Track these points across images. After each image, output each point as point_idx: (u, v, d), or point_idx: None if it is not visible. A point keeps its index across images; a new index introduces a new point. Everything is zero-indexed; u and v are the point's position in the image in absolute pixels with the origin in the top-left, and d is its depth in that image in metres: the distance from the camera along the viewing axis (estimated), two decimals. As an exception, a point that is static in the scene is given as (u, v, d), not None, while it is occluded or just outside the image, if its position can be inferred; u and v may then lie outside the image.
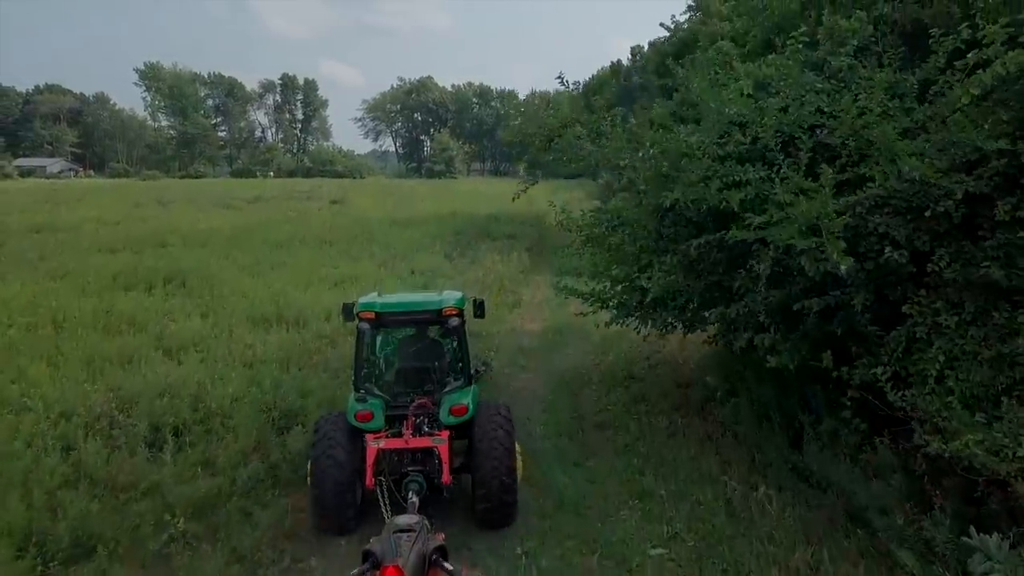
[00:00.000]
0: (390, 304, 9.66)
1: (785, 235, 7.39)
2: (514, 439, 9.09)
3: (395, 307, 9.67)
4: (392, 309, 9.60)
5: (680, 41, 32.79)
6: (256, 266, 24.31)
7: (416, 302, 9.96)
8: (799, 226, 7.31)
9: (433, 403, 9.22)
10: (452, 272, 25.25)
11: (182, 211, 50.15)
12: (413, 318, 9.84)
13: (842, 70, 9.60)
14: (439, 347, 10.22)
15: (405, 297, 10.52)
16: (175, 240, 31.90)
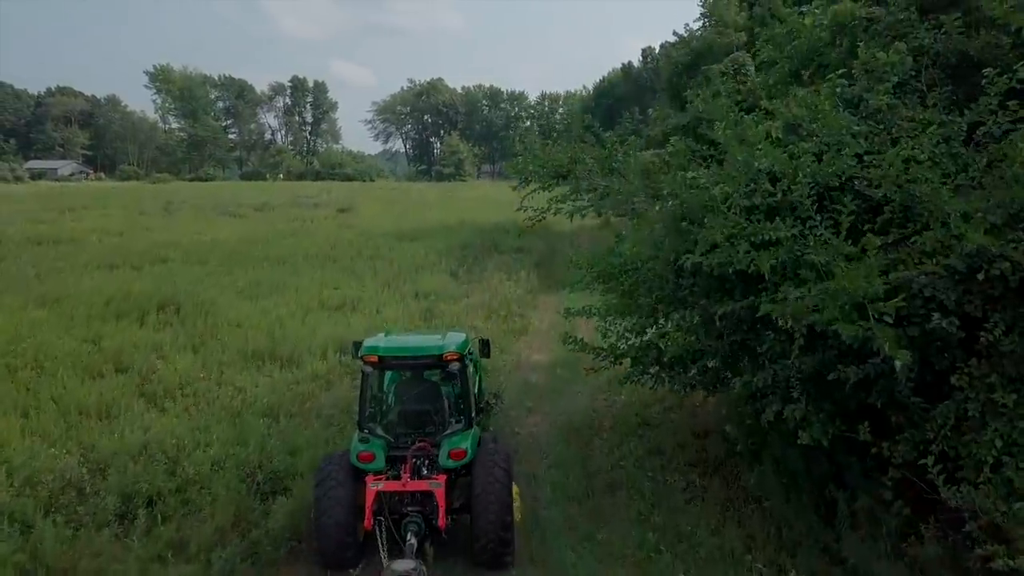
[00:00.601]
0: (392, 348, 9.75)
1: (826, 316, 6.47)
2: (512, 478, 9.22)
3: (397, 351, 9.79)
4: (394, 353, 9.72)
5: (694, 52, 31.95)
6: (255, 288, 23.54)
7: (417, 347, 10.05)
8: (842, 304, 6.39)
9: (433, 445, 9.36)
10: (457, 293, 24.41)
11: (187, 220, 49.56)
12: (414, 362, 9.94)
13: (881, 110, 8.67)
14: (441, 390, 10.25)
15: (408, 340, 10.56)
16: (175, 255, 31.24)
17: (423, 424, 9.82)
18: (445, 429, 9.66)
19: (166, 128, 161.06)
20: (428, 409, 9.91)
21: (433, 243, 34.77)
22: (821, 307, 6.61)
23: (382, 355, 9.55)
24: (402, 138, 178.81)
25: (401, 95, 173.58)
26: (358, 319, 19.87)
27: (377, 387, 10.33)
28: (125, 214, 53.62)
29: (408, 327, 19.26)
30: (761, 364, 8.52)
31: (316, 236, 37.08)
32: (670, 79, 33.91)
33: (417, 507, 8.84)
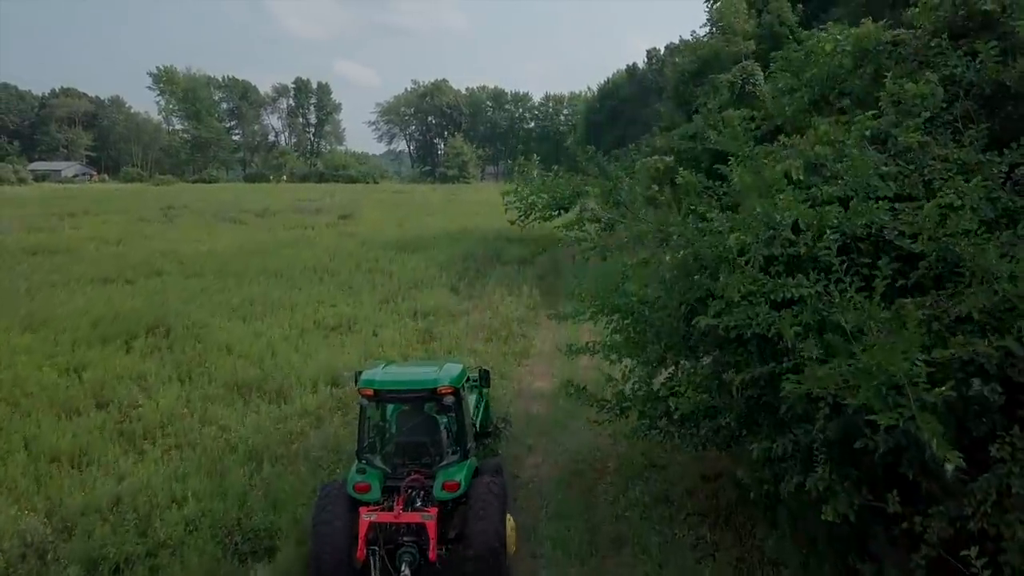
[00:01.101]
0: (388, 382, 9.86)
1: (859, 398, 5.74)
2: (506, 507, 9.43)
3: (392, 384, 9.88)
4: (389, 387, 9.82)
5: (700, 59, 31.15)
6: (249, 306, 22.88)
7: (412, 380, 10.14)
8: (877, 385, 5.66)
9: (429, 476, 9.45)
10: (458, 309, 23.70)
11: (186, 227, 48.95)
12: (410, 395, 10.01)
13: (912, 148, 7.93)
14: (438, 421, 10.22)
15: (403, 373, 10.62)
16: (171, 267, 30.64)
17: (420, 455, 9.86)
18: (442, 460, 9.72)
19: (169, 129, 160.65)
20: (424, 441, 9.93)
21: (434, 254, 34.07)
22: (852, 383, 5.88)
23: (377, 388, 9.67)
24: (406, 139, 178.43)
25: (405, 96, 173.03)
26: (354, 342, 19.20)
27: (375, 418, 10.40)
28: (125, 220, 53.11)
29: (406, 351, 18.61)
30: (780, 427, 7.79)
31: (316, 246, 36.41)
32: (676, 87, 33.13)
33: (412, 537, 8.96)
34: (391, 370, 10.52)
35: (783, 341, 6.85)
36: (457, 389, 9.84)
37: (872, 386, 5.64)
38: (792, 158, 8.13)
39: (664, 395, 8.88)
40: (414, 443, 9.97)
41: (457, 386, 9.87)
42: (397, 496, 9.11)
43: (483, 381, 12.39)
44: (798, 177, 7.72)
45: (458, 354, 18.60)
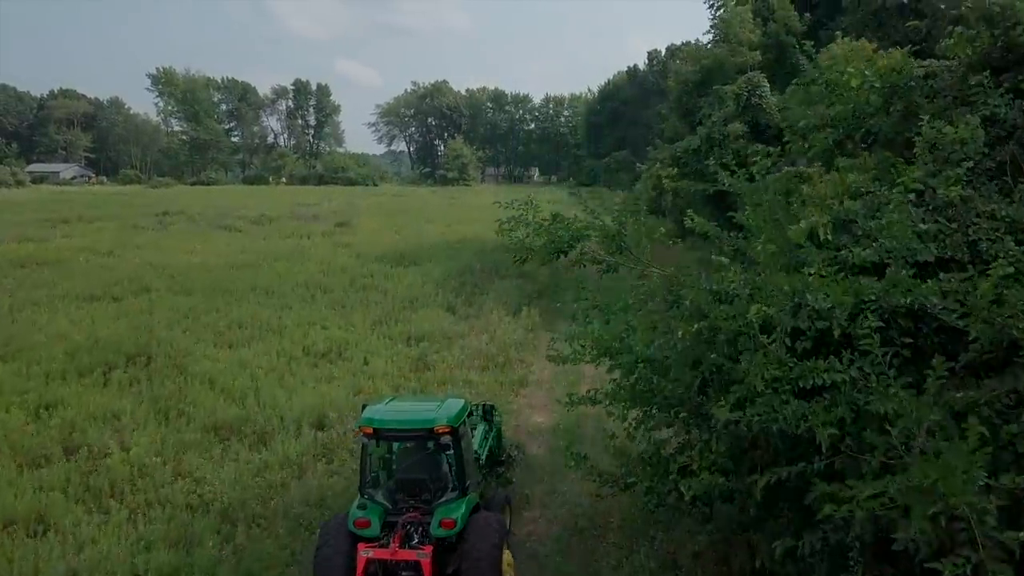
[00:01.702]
0: (387, 420, 9.89)
1: (912, 525, 4.86)
2: (503, 546, 9.51)
3: (391, 424, 9.90)
4: (388, 426, 9.87)
5: (704, 69, 30.32)
6: (237, 329, 22.02)
7: (410, 419, 10.09)
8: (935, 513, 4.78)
9: (427, 513, 9.58)
10: (454, 331, 22.81)
11: (180, 236, 48.10)
12: (408, 434, 10.08)
13: (953, 203, 7.05)
14: (437, 458, 10.29)
15: (403, 412, 10.45)
16: (160, 283, 29.77)
17: (420, 491, 9.94)
18: (442, 496, 9.87)
19: (168, 131, 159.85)
20: (424, 478, 10.00)
21: (431, 268, 33.19)
22: (901, 503, 5.01)
23: (376, 427, 9.76)
24: (405, 141, 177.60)
25: (405, 97, 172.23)
26: (343, 372, 18.31)
27: (377, 453, 10.51)
28: (118, 228, 52.27)
29: (397, 382, 17.75)
30: (807, 515, 6.90)
31: (310, 259, 35.53)
32: (679, 97, 32.28)
33: (411, 573, 9.07)
34: (393, 407, 10.51)
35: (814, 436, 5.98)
36: (455, 428, 9.86)
37: (927, 513, 4.76)
38: (817, 213, 7.24)
39: (673, 470, 7.99)
40: (414, 480, 10.03)
41: (455, 425, 9.88)
42: (395, 533, 9.26)
43: (488, 416, 12.61)
44: (826, 237, 6.83)
45: (452, 385, 17.76)
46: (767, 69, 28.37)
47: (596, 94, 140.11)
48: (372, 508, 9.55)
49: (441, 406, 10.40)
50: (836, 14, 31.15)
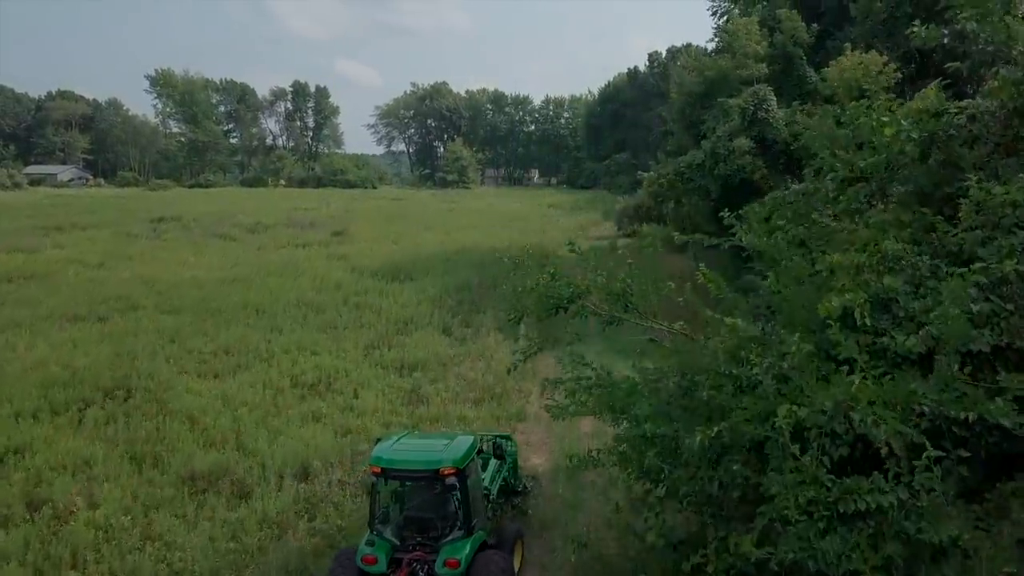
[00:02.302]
0: (394, 460, 10.04)
1: None
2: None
3: (398, 464, 10.04)
4: (396, 465, 10.02)
5: (708, 81, 29.42)
6: (224, 356, 21.16)
7: (416, 460, 10.16)
8: None
9: (433, 551, 9.77)
10: (449, 358, 21.96)
11: (173, 244, 47.30)
12: (414, 475, 10.16)
13: (1008, 279, 6.17)
14: (444, 497, 10.32)
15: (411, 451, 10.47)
16: (148, 301, 28.91)
17: (427, 529, 10.15)
18: (449, 535, 10.03)
19: (166, 132, 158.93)
20: (431, 516, 10.19)
21: (427, 284, 32.30)
22: None
23: (384, 467, 9.96)
24: (405, 142, 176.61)
25: (404, 99, 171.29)
26: (332, 406, 17.47)
27: (386, 491, 10.62)
28: (111, 236, 51.38)
29: (388, 419, 16.89)
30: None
31: (303, 273, 34.58)
32: (682, 108, 31.38)
33: None
34: (402, 445, 10.59)
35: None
36: (461, 470, 9.95)
37: None
38: (849, 282, 6.36)
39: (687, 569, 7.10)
40: (422, 518, 10.24)
41: (461, 466, 9.97)
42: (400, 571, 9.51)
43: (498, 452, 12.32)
44: (863, 319, 5.94)
45: (445, 423, 16.92)
46: (773, 81, 27.49)
47: (596, 96, 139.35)
48: (380, 544, 9.81)
49: (449, 446, 10.46)
50: (844, 23, 30.27)
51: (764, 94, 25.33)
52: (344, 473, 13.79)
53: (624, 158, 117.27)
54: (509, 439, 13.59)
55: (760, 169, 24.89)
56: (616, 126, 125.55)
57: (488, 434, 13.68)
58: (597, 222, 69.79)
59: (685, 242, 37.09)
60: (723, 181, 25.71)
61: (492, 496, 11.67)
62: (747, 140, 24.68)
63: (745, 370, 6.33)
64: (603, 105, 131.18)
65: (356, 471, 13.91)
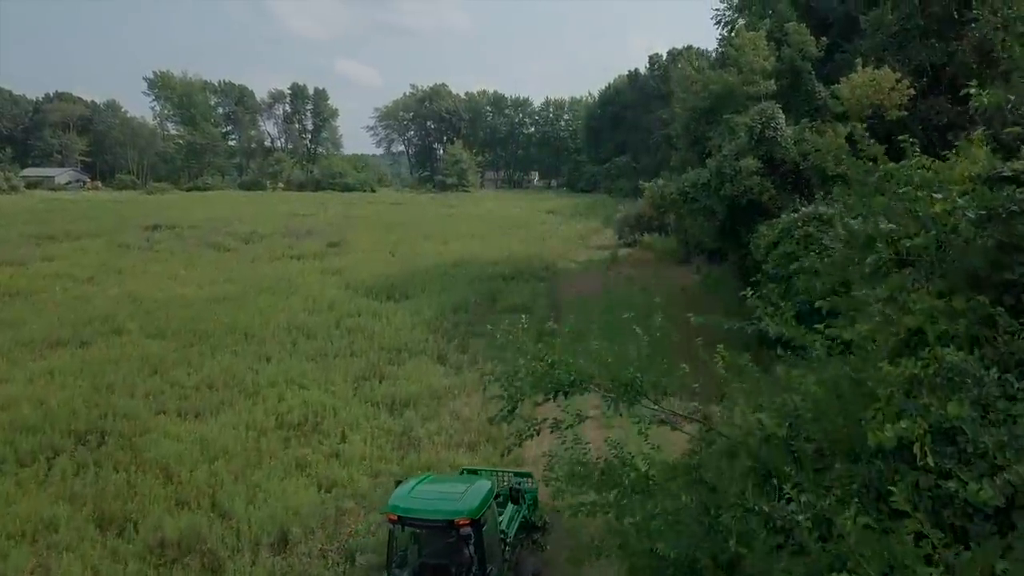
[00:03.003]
0: (410, 509, 10.02)
1: None
2: None
3: (414, 512, 10.02)
4: (412, 514, 10.00)
5: (713, 95, 28.37)
6: (207, 391, 20.19)
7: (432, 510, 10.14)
8: None
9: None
10: (443, 390, 20.96)
11: (165, 257, 46.32)
12: (430, 524, 10.16)
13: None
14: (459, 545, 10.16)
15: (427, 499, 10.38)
16: (134, 323, 27.91)
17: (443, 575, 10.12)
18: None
19: (164, 135, 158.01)
20: (446, 563, 10.15)
21: (423, 304, 31.28)
22: None
23: (400, 515, 9.95)
24: (404, 144, 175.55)
25: (404, 100, 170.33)
26: (318, 452, 16.46)
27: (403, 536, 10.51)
28: (103, 247, 50.50)
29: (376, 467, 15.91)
30: None
31: (296, 291, 33.61)
32: (687, 125, 30.34)
33: None
34: (420, 491, 10.51)
35: None
36: (475, 520, 9.86)
37: None
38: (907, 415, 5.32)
39: None
40: (437, 564, 10.21)
41: (476, 517, 9.88)
42: None
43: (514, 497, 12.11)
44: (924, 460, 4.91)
45: (437, 470, 15.89)
46: (780, 96, 26.46)
47: (596, 98, 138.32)
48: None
49: (465, 495, 10.36)
50: (852, 35, 29.23)
51: (772, 112, 24.29)
52: (326, 539, 12.77)
53: (624, 161, 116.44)
54: (529, 476, 13.60)
55: (768, 190, 23.87)
56: (616, 128, 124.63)
57: (508, 471, 13.96)
58: (597, 229, 68.82)
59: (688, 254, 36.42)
60: (729, 202, 24.69)
61: (509, 539, 11.55)
62: (754, 160, 23.65)
63: (779, 508, 5.30)
64: (603, 107, 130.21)
65: (339, 535, 12.92)
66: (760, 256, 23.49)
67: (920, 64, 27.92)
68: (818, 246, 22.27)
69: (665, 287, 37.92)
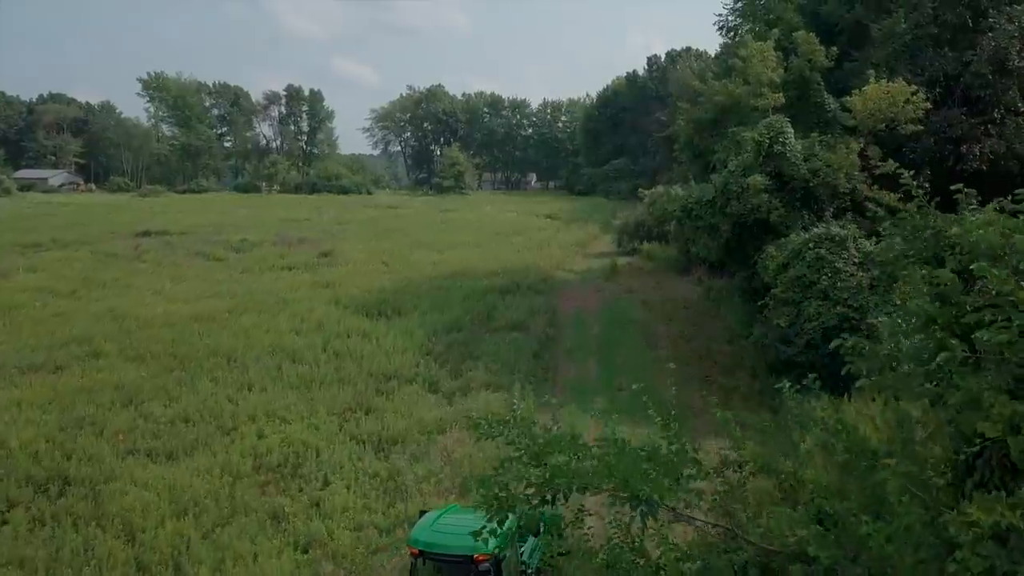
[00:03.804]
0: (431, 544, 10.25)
1: None
2: None
3: (435, 547, 10.21)
4: (433, 548, 10.20)
5: (717, 108, 27.17)
6: (182, 427, 18.99)
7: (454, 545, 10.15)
8: None
9: None
10: (433, 422, 19.80)
11: (152, 269, 44.93)
12: (451, 559, 10.19)
13: None
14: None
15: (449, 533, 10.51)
16: (113, 345, 26.69)
17: None
18: None
19: (159, 136, 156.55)
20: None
21: (415, 323, 30.05)
22: None
23: (422, 549, 10.22)
24: (401, 146, 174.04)
25: (400, 102, 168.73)
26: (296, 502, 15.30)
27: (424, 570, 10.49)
28: (89, 258, 49.17)
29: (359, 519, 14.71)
30: None
31: (284, 308, 32.34)
32: (690, 138, 29.12)
33: None
34: (443, 524, 10.77)
35: None
36: (496, 555, 9.87)
37: None
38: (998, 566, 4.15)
39: None
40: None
41: (495, 553, 9.78)
42: None
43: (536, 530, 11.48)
44: None
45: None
46: (788, 108, 25.28)
47: (595, 100, 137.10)
48: None
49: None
50: (862, 44, 28.04)
51: (781, 126, 23.12)
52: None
53: (622, 163, 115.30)
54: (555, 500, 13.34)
55: (777, 209, 22.70)
56: (615, 130, 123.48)
57: None
58: (596, 236, 67.53)
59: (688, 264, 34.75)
60: (735, 220, 23.51)
61: (531, 571, 11.48)
62: (762, 177, 22.47)
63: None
64: (601, 109, 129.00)
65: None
66: (768, 278, 22.33)
67: (933, 74, 26.75)
68: (831, 269, 21.21)
69: (666, 302, 36.76)
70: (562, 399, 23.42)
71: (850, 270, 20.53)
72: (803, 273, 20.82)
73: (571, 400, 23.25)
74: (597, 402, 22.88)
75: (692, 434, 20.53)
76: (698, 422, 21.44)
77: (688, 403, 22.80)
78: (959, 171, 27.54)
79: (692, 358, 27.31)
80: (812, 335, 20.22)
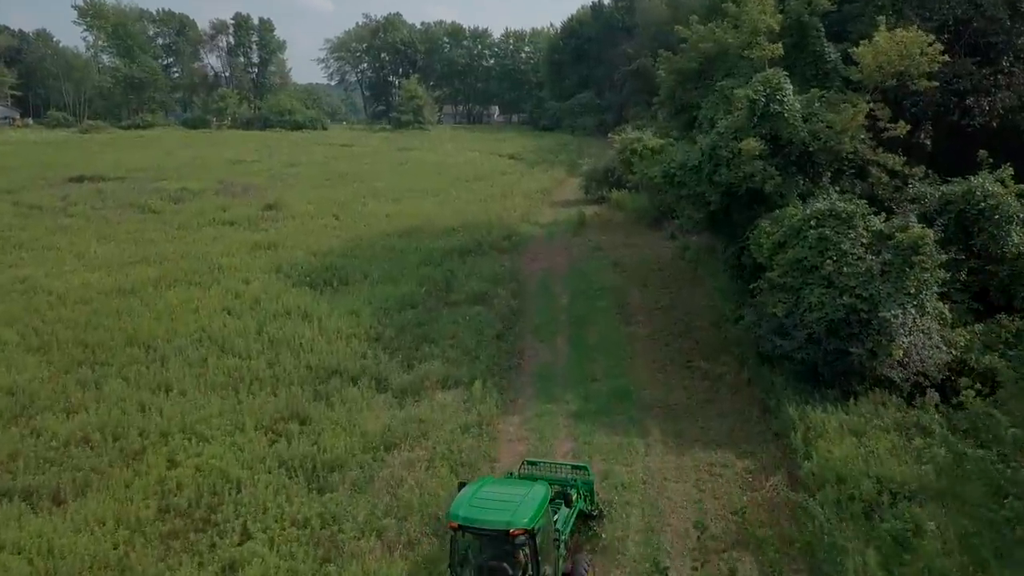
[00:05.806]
0: (469, 518, 10.44)
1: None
2: None
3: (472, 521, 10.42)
4: (470, 523, 10.43)
5: (703, 56, 23.84)
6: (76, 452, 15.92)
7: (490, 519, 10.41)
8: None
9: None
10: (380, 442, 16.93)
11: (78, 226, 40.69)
12: (486, 533, 10.48)
13: None
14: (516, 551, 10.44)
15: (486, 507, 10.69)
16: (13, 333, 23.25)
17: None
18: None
19: (100, 67, 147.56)
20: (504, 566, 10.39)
21: (364, 297, 26.89)
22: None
23: (460, 523, 10.44)
24: (358, 77, 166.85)
25: (356, 31, 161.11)
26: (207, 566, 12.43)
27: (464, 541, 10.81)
28: (11, 211, 44.70)
29: None
30: None
31: (216, 280, 28.89)
32: (672, 91, 25.83)
33: None
34: (480, 497, 10.96)
35: None
36: (529, 530, 10.27)
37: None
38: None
39: None
40: (495, 567, 10.44)
41: (530, 527, 10.29)
42: None
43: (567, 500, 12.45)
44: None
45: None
46: (784, 59, 22.13)
47: (559, 30, 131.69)
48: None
49: (521, 505, 10.63)
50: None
51: (778, 81, 20.01)
52: None
53: (588, 97, 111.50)
54: (585, 468, 14.11)
55: (773, 177, 19.78)
56: (579, 63, 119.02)
57: (565, 464, 14.48)
58: (562, 180, 64.11)
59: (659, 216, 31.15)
60: (725, 189, 20.59)
61: (563, 539, 11.90)
62: (757, 141, 19.47)
63: None
64: (566, 40, 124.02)
65: None
66: (762, 258, 19.58)
67: (943, 19, 23.73)
68: (836, 251, 18.51)
69: (640, 263, 33.99)
70: (529, 395, 20.77)
71: (858, 252, 17.81)
72: (804, 256, 18.06)
73: (539, 395, 20.59)
74: (569, 400, 20.23)
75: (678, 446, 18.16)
76: (683, 425, 18.97)
77: (669, 401, 20.28)
78: (965, 126, 24.85)
79: (670, 335, 24.70)
80: (814, 329, 17.60)
